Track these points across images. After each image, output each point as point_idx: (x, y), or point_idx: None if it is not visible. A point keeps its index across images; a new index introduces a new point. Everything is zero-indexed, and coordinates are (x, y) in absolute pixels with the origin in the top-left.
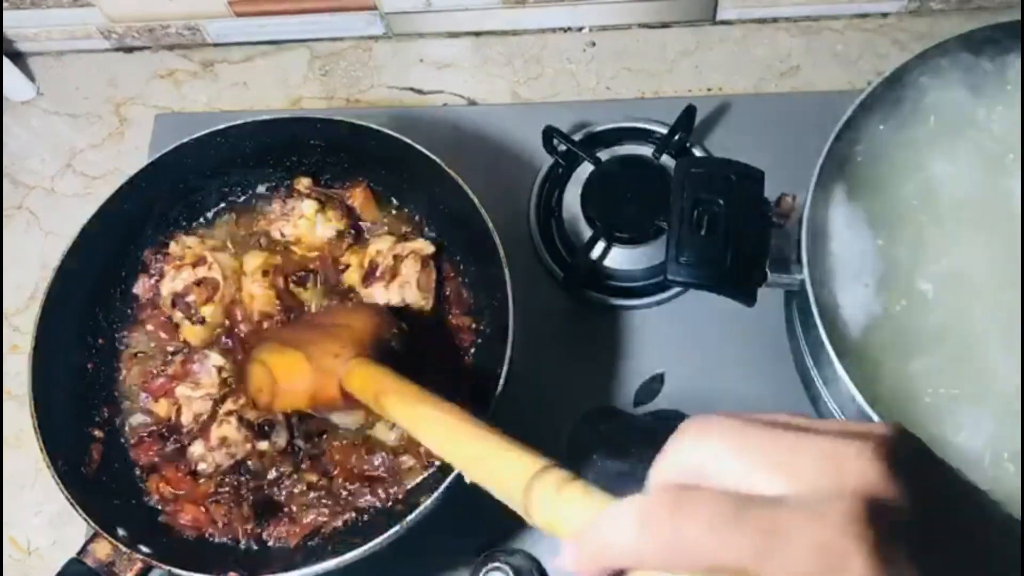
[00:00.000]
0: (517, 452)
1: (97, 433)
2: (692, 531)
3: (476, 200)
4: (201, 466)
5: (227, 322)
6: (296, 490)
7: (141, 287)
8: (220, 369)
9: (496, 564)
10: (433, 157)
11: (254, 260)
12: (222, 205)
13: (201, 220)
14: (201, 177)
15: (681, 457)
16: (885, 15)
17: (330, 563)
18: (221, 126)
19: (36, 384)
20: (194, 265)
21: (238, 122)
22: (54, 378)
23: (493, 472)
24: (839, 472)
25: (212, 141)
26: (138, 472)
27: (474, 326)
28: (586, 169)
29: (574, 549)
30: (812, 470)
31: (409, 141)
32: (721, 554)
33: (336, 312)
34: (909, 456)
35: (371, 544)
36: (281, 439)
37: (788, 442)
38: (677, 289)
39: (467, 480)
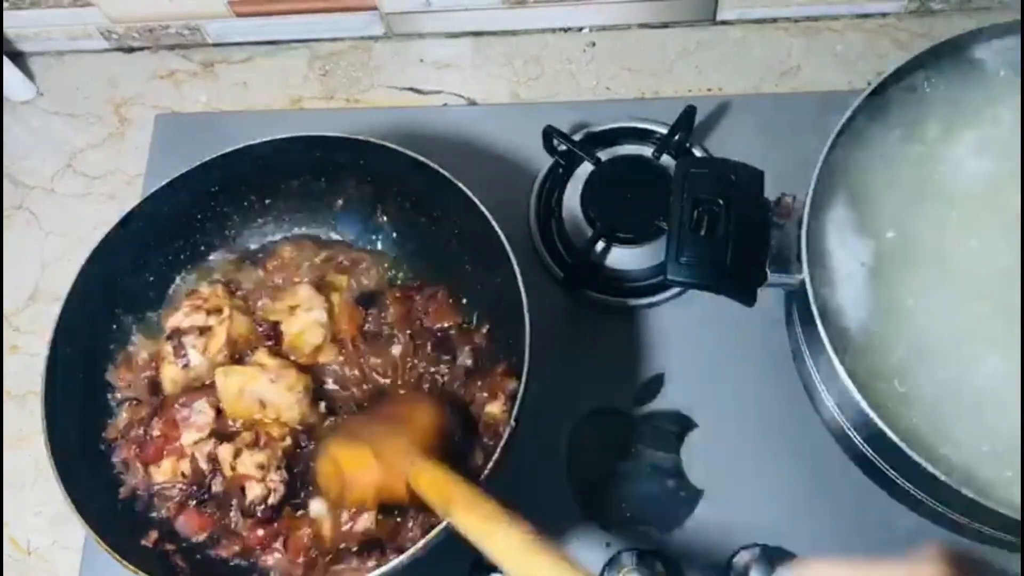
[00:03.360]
0: (573, 572)
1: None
2: None
3: (504, 239)
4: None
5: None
6: None
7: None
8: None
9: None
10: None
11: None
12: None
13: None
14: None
15: None
16: (885, 15)
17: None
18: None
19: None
20: (208, 312)
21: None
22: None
23: None
24: None
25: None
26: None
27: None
28: (586, 169)
29: None
30: None
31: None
32: None
33: (400, 403)
34: None
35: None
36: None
37: None
38: (677, 289)
39: None
